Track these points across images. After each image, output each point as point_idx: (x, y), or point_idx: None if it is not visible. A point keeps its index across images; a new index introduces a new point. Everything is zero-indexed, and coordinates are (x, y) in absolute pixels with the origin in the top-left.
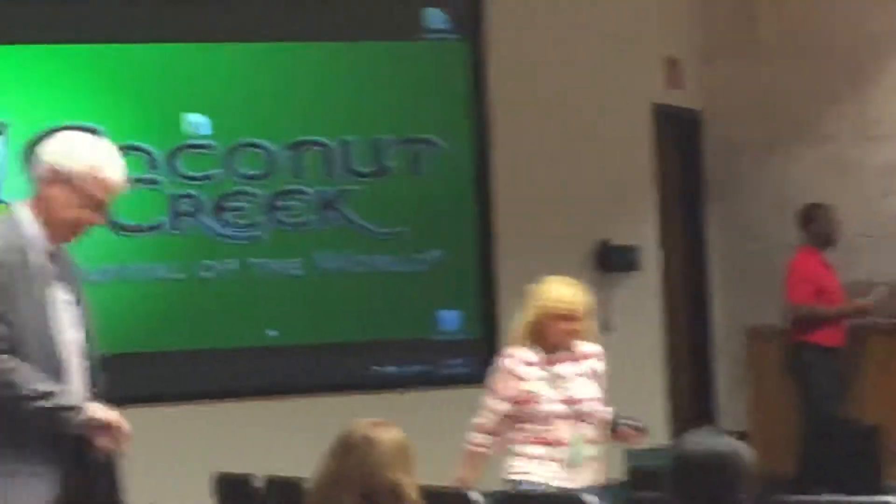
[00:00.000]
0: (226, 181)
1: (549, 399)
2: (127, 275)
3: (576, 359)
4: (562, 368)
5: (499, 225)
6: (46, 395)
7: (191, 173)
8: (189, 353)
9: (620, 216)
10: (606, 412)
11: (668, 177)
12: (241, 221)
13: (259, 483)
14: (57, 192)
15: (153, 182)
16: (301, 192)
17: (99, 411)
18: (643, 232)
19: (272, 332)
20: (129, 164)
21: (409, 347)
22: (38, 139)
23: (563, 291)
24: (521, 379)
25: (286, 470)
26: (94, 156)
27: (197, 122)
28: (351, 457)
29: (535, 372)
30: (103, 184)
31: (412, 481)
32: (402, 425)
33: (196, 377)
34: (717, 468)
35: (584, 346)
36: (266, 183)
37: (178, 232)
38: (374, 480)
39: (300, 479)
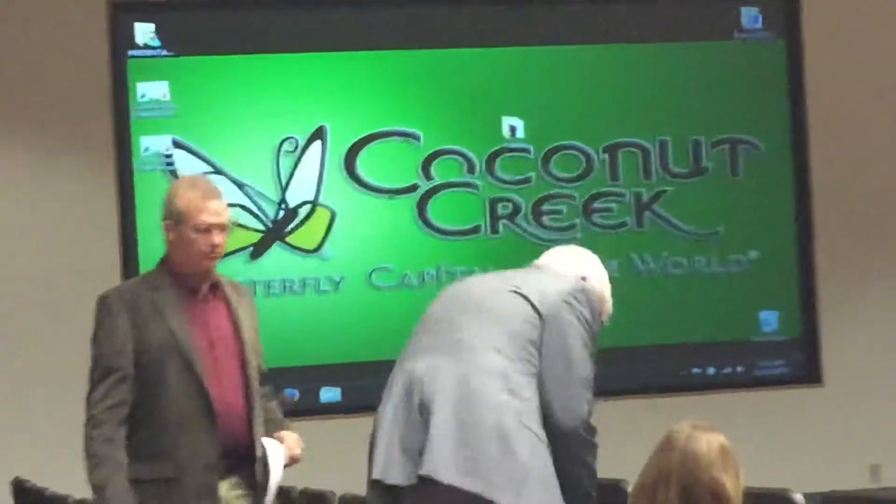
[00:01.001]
0: (542, 184)
1: None
2: (444, 278)
3: None
4: None
5: (817, 224)
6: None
7: (508, 177)
8: None
9: None
10: None
11: None
12: (558, 224)
13: None
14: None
15: (471, 186)
16: (617, 194)
17: None
18: None
19: None
20: (447, 168)
21: (727, 349)
22: (359, 144)
23: None
24: None
25: (606, 472)
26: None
27: (514, 126)
28: (673, 454)
29: None
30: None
31: (735, 483)
32: (722, 425)
33: None
34: None
35: None
36: (582, 185)
37: (495, 235)
38: (693, 477)
39: (621, 480)
